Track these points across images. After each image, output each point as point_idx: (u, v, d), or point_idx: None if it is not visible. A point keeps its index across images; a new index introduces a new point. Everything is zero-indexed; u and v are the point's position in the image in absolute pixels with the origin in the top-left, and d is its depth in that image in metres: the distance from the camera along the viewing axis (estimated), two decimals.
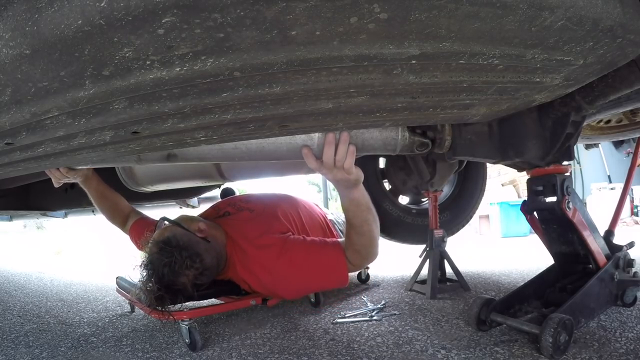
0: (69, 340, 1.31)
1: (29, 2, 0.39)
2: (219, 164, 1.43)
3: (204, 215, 1.55)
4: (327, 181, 8.63)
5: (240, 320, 1.41)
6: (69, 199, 1.90)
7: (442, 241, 1.62)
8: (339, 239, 1.30)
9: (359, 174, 1.03)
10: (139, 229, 1.49)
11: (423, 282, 1.64)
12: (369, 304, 1.48)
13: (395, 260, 2.46)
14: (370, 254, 1.23)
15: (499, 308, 1.07)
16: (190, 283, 1.18)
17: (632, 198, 4.77)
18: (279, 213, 1.47)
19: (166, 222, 1.30)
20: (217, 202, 1.74)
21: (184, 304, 1.19)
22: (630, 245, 1.17)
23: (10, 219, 2.72)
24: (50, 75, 0.46)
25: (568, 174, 1.09)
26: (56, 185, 1.26)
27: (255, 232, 1.36)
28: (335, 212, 2.07)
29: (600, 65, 0.67)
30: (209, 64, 0.47)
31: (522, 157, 1.05)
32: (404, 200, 2.12)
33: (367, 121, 0.80)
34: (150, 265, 1.17)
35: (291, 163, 1.35)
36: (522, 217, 1.25)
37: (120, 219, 1.57)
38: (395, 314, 1.34)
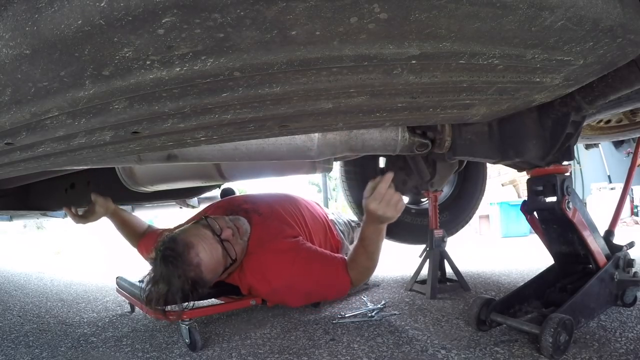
0: (69, 340, 1.31)
1: (29, 2, 0.39)
2: (219, 164, 1.43)
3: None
4: (327, 181, 8.64)
5: (240, 320, 1.41)
6: (69, 199, 1.90)
7: (442, 241, 1.62)
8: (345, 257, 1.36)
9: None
10: (148, 242, 1.56)
11: (423, 282, 1.64)
12: (369, 304, 1.48)
13: (395, 260, 2.46)
14: (367, 276, 1.39)
15: (499, 308, 1.07)
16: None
17: (632, 198, 4.77)
18: (286, 215, 1.48)
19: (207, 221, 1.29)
20: (218, 203, 1.73)
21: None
22: (630, 245, 1.17)
23: (10, 219, 2.72)
24: (50, 75, 0.46)
25: (568, 174, 1.09)
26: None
27: (268, 236, 1.37)
28: (335, 212, 2.07)
29: (600, 65, 0.67)
30: (209, 64, 0.47)
31: (522, 157, 1.05)
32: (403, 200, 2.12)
33: (367, 121, 0.80)
34: (157, 277, 1.15)
35: (291, 163, 1.36)
36: (522, 217, 1.25)
37: (137, 239, 1.69)
38: (395, 314, 1.34)
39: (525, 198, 1.20)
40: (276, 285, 1.30)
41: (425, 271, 1.61)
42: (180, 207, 2.52)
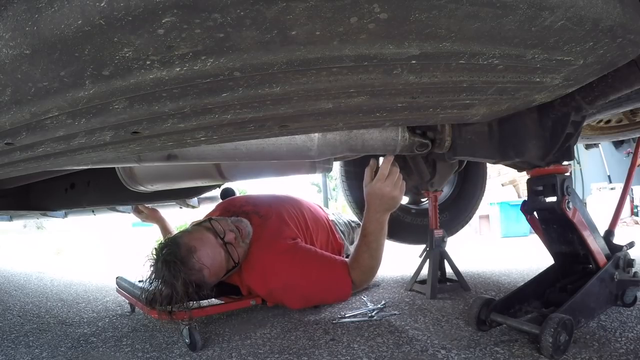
0: (69, 340, 1.31)
1: (29, 2, 0.39)
2: (219, 164, 1.43)
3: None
4: (327, 181, 8.64)
5: (240, 320, 1.41)
6: (69, 199, 1.90)
7: (442, 241, 1.62)
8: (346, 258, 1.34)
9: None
10: None
11: (423, 282, 1.64)
12: (369, 304, 1.48)
13: (395, 260, 2.46)
14: (371, 276, 1.33)
15: (499, 308, 1.07)
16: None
17: (632, 198, 4.77)
18: (286, 217, 1.48)
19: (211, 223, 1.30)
20: (219, 205, 1.74)
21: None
22: (630, 245, 1.17)
23: (10, 219, 2.71)
24: (50, 75, 0.46)
25: (568, 174, 1.09)
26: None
27: (267, 238, 1.37)
28: (335, 213, 2.07)
29: (600, 65, 0.67)
30: (209, 64, 0.47)
31: (522, 157, 1.05)
32: (403, 200, 2.12)
33: (367, 121, 0.80)
34: (159, 280, 1.15)
35: (291, 163, 1.36)
36: (522, 217, 1.25)
37: None
38: (395, 314, 1.34)
39: (525, 198, 1.20)
40: (273, 286, 1.30)
41: (425, 271, 1.61)
42: (180, 207, 2.52)
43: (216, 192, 2.18)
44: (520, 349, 0.97)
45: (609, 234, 1.23)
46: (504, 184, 5.99)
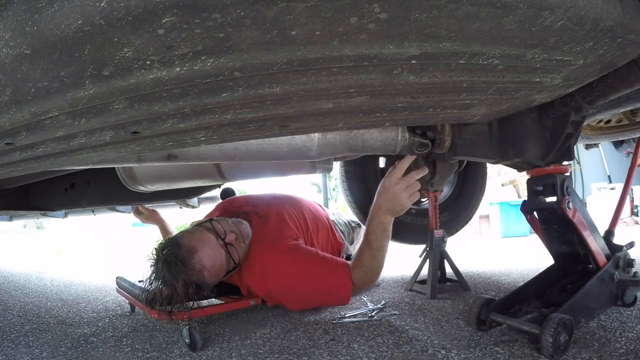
0: (69, 340, 1.31)
1: (29, 2, 0.39)
2: (219, 164, 1.43)
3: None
4: (327, 181, 8.63)
5: (240, 320, 1.41)
6: (69, 199, 1.90)
7: (442, 241, 1.62)
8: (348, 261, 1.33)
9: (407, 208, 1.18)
10: None
11: (423, 282, 1.64)
12: (369, 304, 1.48)
13: (395, 260, 2.46)
14: (373, 278, 1.30)
15: (499, 308, 1.07)
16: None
17: (632, 198, 4.77)
18: (286, 217, 1.48)
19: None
20: (219, 205, 1.74)
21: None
22: (630, 245, 1.17)
23: (10, 219, 2.71)
24: (50, 75, 0.46)
25: (568, 174, 1.09)
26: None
27: (267, 238, 1.37)
28: (335, 213, 2.07)
29: (600, 65, 0.67)
30: (209, 64, 0.47)
31: (522, 157, 1.05)
32: None
33: (367, 121, 0.80)
34: (160, 281, 1.15)
35: (291, 163, 1.36)
36: (522, 217, 1.25)
37: None
38: (395, 314, 1.34)
39: (525, 198, 1.20)
40: (272, 287, 1.29)
41: (425, 271, 1.61)
42: (180, 207, 2.52)
43: (216, 192, 2.18)
44: (520, 349, 0.97)
45: (609, 234, 1.23)
46: (504, 184, 5.99)
